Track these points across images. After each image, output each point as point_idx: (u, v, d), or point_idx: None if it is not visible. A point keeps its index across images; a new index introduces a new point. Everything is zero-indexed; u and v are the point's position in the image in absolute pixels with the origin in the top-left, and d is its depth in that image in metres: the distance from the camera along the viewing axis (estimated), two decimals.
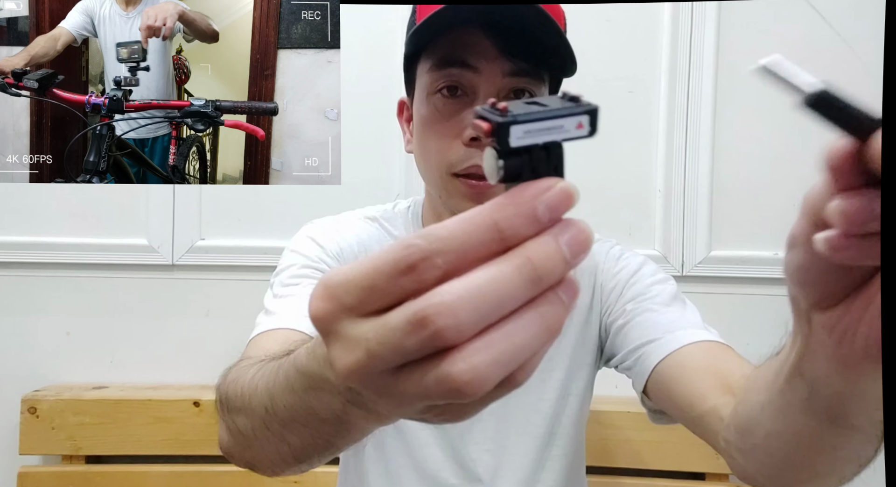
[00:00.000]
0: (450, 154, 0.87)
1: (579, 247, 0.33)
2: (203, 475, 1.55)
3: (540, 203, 0.32)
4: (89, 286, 1.63)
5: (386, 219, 1.03)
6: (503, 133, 0.32)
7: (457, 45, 0.84)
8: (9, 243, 1.61)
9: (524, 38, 0.83)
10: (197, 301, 1.64)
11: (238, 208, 1.64)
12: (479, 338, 0.32)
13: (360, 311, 0.34)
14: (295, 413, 0.51)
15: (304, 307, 0.89)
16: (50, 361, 1.64)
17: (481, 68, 0.84)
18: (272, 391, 0.54)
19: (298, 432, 0.52)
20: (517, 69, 0.85)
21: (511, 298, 0.32)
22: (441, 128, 0.87)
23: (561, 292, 0.33)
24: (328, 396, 0.44)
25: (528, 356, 0.33)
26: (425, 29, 0.85)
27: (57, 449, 1.55)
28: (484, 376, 0.32)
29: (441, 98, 0.87)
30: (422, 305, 0.32)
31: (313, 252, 0.95)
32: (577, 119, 0.33)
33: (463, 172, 0.87)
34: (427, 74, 0.88)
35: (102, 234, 1.63)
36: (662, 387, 0.85)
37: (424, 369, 0.33)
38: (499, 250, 0.33)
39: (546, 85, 0.89)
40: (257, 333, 0.85)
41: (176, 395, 1.57)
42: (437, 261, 0.32)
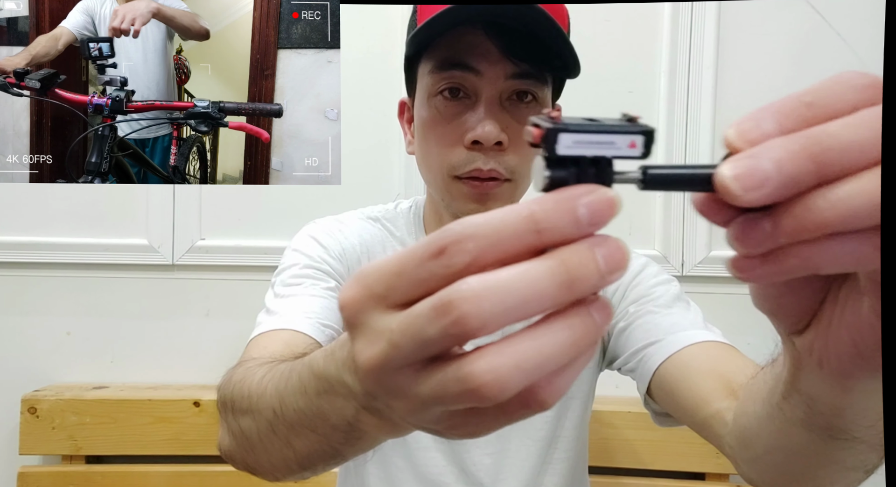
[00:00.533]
0: (451, 157, 0.86)
1: (615, 263, 0.31)
2: (203, 475, 1.55)
3: (581, 204, 0.31)
4: (90, 286, 1.63)
5: (388, 219, 1.02)
6: (551, 140, 0.32)
7: (458, 46, 0.84)
8: (9, 243, 1.61)
9: (527, 40, 0.82)
10: (197, 301, 1.64)
11: (238, 208, 1.64)
12: (504, 341, 0.31)
13: (388, 301, 0.34)
14: (304, 418, 0.49)
15: (307, 308, 0.88)
16: (50, 361, 1.64)
17: (483, 70, 0.83)
18: (282, 394, 0.53)
19: (305, 437, 0.51)
20: (520, 71, 0.84)
21: (539, 297, 0.31)
22: (443, 130, 0.87)
23: (593, 311, 0.32)
24: (342, 401, 0.43)
25: (552, 368, 0.32)
26: (427, 30, 0.84)
27: (57, 449, 1.55)
28: (505, 379, 0.31)
29: (442, 100, 0.86)
30: (447, 291, 0.31)
31: (315, 252, 0.95)
32: (631, 138, 0.32)
33: (465, 175, 0.86)
34: (428, 76, 0.87)
35: (103, 234, 1.63)
36: (666, 389, 0.84)
37: (444, 368, 0.32)
38: (533, 249, 0.31)
39: (549, 87, 0.88)
40: (259, 332, 0.83)
41: (176, 395, 1.57)
42: (468, 245, 0.31)
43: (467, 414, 0.35)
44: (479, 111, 0.84)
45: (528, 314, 0.31)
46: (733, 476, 1.52)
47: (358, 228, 1.00)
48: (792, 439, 0.52)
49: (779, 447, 0.56)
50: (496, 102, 0.84)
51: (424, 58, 0.88)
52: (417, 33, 0.85)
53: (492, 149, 0.84)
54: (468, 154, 0.85)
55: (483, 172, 0.84)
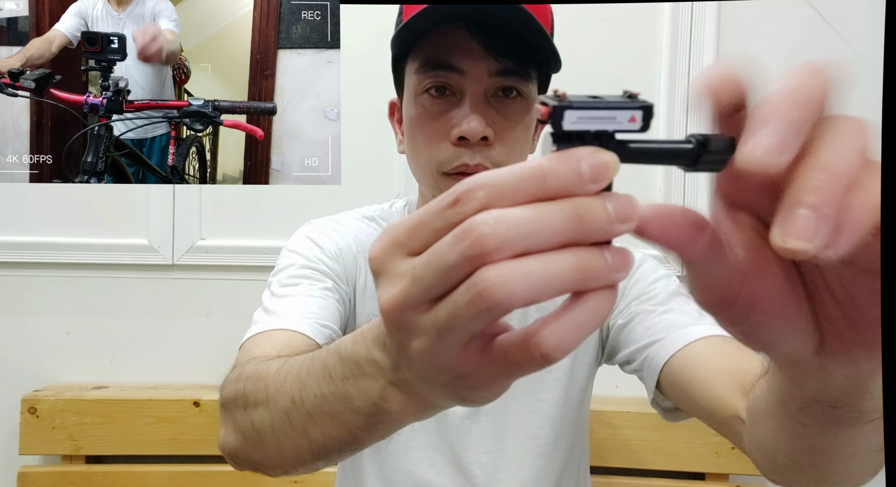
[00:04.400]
0: (439, 153, 0.87)
1: (625, 214, 0.33)
2: (203, 474, 1.55)
3: (583, 161, 0.33)
4: (90, 286, 1.63)
5: (383, 218, 1.04)
6: (558, 116, 0.34)
7: (442, 45, 0.85)
8: (9, 243, 1.61)
9: (508, 37, 0.83)
10: (197, 301, 1.64)
11: (238, 208, 1.64)
12: (512, 259, 0.33)
13: (409, 248, 0.36)
14: (325, 403, 0.51)
15: (305, 308, 0.89)
16: (50, 361, 1.64)
17: (467, 69, 0.85)
18: (304, 381, 0.54)
19: (324, 424, 0.52)
20: (503, 68, 0.85)
21: (549, 228, 0.33)
22: (430, 128, 0.87)
23: (608, 253, 0.33)
24: (369, 381, 0.45)
25: (558, 289, 0.33)
26: (409, 30, 0.85)
27: (57, 449, 1.55)
28: (510, 282, 0.32)
29: (429, 98, 0.87)
30: (467, 222, 0.33)
31: (312, 252, 0.96)
32: (631, 113, 0.35)
33: (453, 171, 0.87)
34: (414, 75, 0.88)
35: (103, 234, 1.63)
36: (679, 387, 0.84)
37: (458, 288, 0.34)
38: (540, 200, 0.33)
39: (534, 83, 0.89)
40: (256, 331, 0.84)
41: (176, 395, 1.57)
42: (479, 193, 0.34)
43: (478, 360, 0.37)
44: (465, 108, 0.85)
45: (541, 242, 0.33)
46: (733, 476, 1.52)
47: (353, 227, 1.01)
48: (818, 440, 0.51)
49: (804, 449, 0.55)
50: (482, 99, 0.86)
51: (410, 58, 0.89)
52: (400, 32, 0.86)
53: (478, 144, 0.85)
54: (455, 150, 0.86)
55: (470, 167, 0.85)
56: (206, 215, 1.63)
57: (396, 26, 0.92)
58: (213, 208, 1.63)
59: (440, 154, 0.87)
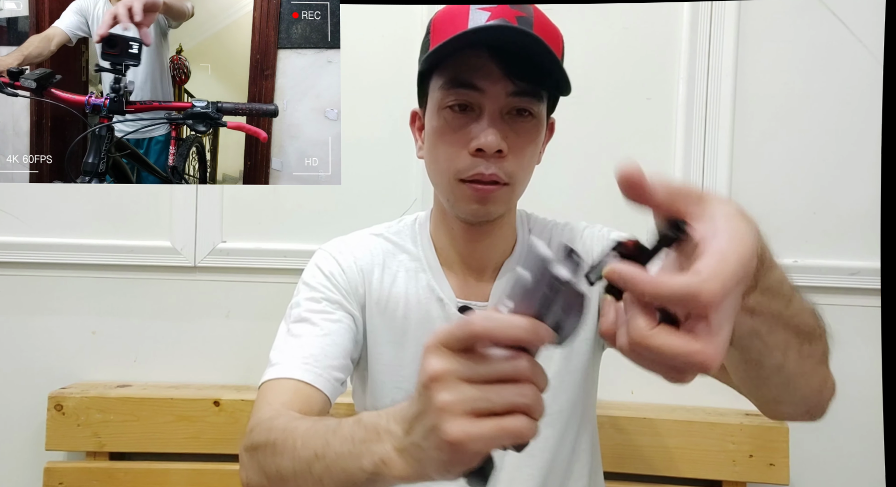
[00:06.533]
0: (458, 162, 0.95)
1: None
2: (222, 472, 1.57)
3: None
4: (114, 287, 1.67)
5: (393, 233, 1.10)
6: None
7: (465, 67, 0.92)
8: (37, 245, 1.66)
9: (525, 63, 0.90)
10: (218, 303, 1.67)
11: (258, 211, 1.66)
12: None
13: None
14: (342, 459, 0.63)
15: (308, 352, 1.00)
16: (76, 360, 1.68)
17: (486, 89, 0.92)
18: (329, 440, 0.66)
19: (337, 476, 0.64)
20: (518, 90, 0.93)
21: None
22: (450, 139, 0.95)
23: None
24: (380, 445, 0.59)
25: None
26: (439, 52, 0.92)
27: (82, 446, 1.58)
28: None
29: (451, 113, 0.95)
30: None
31: (320, 282, 1.03)
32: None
33: (469, 178, 0.95)
34: (439, 91, 0.96)
35: (128, 236, 1.66)
36: None
37: None
38: None
39: (544, 104, 0.97)
40: (269, 377, 0.93)
41: (197, 394, 1.59)
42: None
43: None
44: (483, 123, 0.93)
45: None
46: (751, 485, 1.49)
47: (365, 242, 1.09)
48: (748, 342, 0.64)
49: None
50: (498, 116, 0.94)
51: (435, 75, 0.97)
52: (431, 55, 0.93)
53: (493, 156, 0.93)
54: (472, 160, 0.94)
55: (485, 175, 0.94)
56: (228, 219, 1.66)
57: (423, 46, 1.00)
58: (235, 211, 1.65)
59: (458, 163, 0.95)
